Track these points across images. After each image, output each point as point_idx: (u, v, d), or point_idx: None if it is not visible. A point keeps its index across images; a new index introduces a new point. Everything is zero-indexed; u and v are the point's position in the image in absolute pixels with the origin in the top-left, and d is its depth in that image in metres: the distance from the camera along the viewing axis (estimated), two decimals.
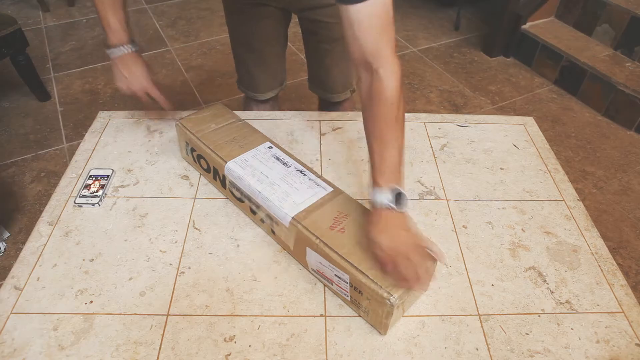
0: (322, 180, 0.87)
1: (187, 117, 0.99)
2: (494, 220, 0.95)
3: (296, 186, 0.85)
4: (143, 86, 0.97)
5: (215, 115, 1.00)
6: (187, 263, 0.84)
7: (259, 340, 0.74)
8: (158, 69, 2.49)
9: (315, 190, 0.84)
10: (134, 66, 0.96)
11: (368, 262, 0.72)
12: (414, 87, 2.43)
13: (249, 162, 0.89)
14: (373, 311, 0.73)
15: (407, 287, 0.69)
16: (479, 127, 1.18)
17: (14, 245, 1.62)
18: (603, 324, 0.78)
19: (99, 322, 0.75)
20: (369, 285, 0.70)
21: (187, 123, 0.98)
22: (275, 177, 0.86)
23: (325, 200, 0.83)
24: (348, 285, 0.74)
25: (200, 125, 0.97)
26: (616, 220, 1.78)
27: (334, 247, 0.74)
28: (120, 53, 0.95)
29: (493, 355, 0.73)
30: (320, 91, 1.23)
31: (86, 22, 2.88)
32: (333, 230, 0.77)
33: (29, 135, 2.06)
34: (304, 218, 0.79)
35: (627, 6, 2.29)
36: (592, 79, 2.30)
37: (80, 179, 0.99)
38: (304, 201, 0.82)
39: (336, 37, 1.10)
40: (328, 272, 0.77)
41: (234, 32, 1.19)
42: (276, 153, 0.92)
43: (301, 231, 0.78)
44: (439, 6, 3.13)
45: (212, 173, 0.95)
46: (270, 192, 0.83)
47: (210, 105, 1.06)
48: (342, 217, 0.79)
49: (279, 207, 0.81)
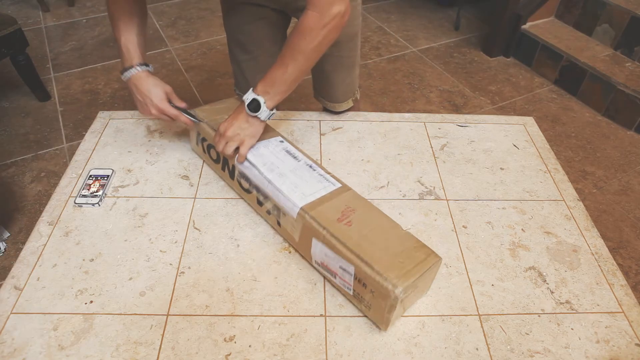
0: (331, 176, 0.88)
1: (201, 108, 1.00)
2: (494, 220, 0.95)
3: (305, 179, 0.86)
4: (158, 108, 0.95)
5: (228, 108, 1.00)
6: (187, 263, 0.84)
7: (259, 340, 0.74)
8: (158, 69, 2.49)
9: (324, 185, 0.85)
10: (146, 87, 0.95)
11: (374, 255, 0.72)
12: (414, 87, 2.43)
13: (260, 151, 0.91)
14: (376, 305, 0.73)
15: (217, 143, 0.90)
16: (479, 127, 1.18)
17: (14, 245, 1.61)
18: (603, 324, 0.78)
19: (99, 322, 0.75)
20: (374, 277, 0.70)
21: (201, 113, 0.99)
22: (285, 168, 0.87)
23: (333, 195, 0.83)
24: (352, 278, 0.74)
25: (213, 116, 0.98)
26: (616, 220, 1.78)
27: (341, 238, 0.75)
28: (129, 75, 0.95)
29: (493, 355, 0.73)
30: (322, 100, 1.24)
31: (86, 22, 2.88)
32: (340, 222, 0.77)
33: (29, 135, 2.05)
34: (312, 209, 0.79)
35: (627, 6, 2.29)
36: (592, 79, 2.30)
37: (80, 179, 0.99)
38: (313, 193, 0.83)
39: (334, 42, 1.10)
40: (332, 264, 0.77)
41: (230, 33, 1.19)
42: (287, 147, 0.93)
43: (309, 222, 0.78)
44: (439, 6, 3.13)
45: (221, 164, 0.96)
46: (279, 181, 0.84)
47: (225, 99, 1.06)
48: (349, 212, 0.80)
49: (288, 197, 0.82)
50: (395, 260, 0.72)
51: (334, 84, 1.19)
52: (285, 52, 0.86)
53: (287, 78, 0.87)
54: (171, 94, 0.98)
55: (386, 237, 0.77)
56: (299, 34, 0.84)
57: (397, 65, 2.59)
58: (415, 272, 0.71)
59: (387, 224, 0.80)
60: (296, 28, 0.84)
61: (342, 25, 0.86)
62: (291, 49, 0.85)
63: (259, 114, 0.88)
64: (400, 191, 1.00)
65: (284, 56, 0.86)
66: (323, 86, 1.22)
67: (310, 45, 0.84)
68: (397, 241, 0.76)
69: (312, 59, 0.87)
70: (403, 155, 1.09)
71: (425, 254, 0.75)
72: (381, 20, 2.98)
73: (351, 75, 1.20)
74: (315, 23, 0.82)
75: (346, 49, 1.13)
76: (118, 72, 2.44)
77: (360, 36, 1.17)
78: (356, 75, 1.23)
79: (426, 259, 0.74)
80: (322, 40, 0.85)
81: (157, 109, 0.95)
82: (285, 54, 0.86)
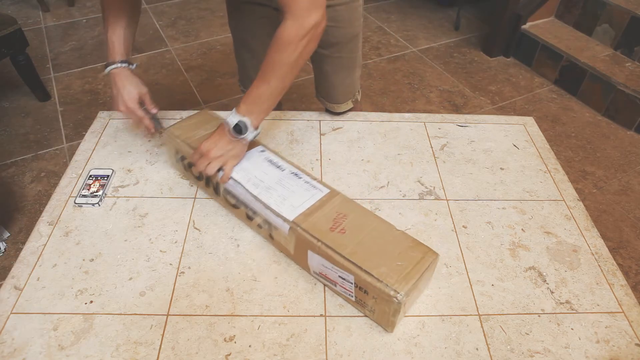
0: (317, 182, 0.86)
1: (175, 125, 0.97)
2: (494, 220, 0.95)
3: (292, 189, 0.84)
4: (126, 106, 0.97)
5: (202, 121, 0.98)
6: (187, 263, 0.84)
7: (259, 340, 0.74)
8: (158, 69, 2.49)
9: (312, 193, 0.84)
10: (121, 84, 0.96)
11: (372, 261, 0.72)
12: (414, 87, 2.43)
13: (243, 166, 0.88)
14: (380, 310, 0.73)
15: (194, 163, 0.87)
16: (479, 127, 1.18)
17: (14, 245, 1.61)
18: (603, 324, 0.78)
19: (99, 322, 0.75)
20: (375, 285, 0.70)
21: (176, 130, 0.95)
22: (270, 181, 0.85)
23: (322, 202, 0.82)
24: (353, 286, 0.74)
25: (189, 132, 0.94)
26: (616, 220, 1.78)
27: (336, 248, 0.74)
28: (109, 69, 0.97)
29: (493, 355, 0.73)
30: (323, 100, 1.24)
31: (86, 22, 2.88)
32: (333, 231, 0.77)
33: (29, 135, 2.06)
34: (303, 221, 0.78)
35: (627, 6, 2.29)
36: (592, 79, 2.30)
37: (80, 179, 0.99)
38: (302, 204, 0.81)
39: (333, 42, 1.10)
40: (331, 274, 0.77)
41: (234, 30, 1.20)
42: (269, 157, 0.91)
43: (301, 234, 0.77)
44: (439, 6, 3.13)
45: (204, 180, 0.94)
46: (267, 196, 0.82)
47: (196, 111, 1.02)
48: (341, 218, 0.79)
49: (277, 211, 0.80)
50: (394, 264, 0.72)
51: (334, 85, 1.19)
52: (265, 67, 0.83)
53: (271, 94, 0.84)
54: (145, 96, 0.99)
55: (381, 240, 0.76)
56: (278, 46, 0.81)
57: (397, 65, 2.59)
58: (414, 274, 0.71)
59: (380, 226, 0.79)
60: (275, 41, 0.81)
61: (320, 35, 0.84)
62: (272, 64, 0.82)
63: (246, 135, 0.85)
64: (400, 191, 1.00)
65: (264, 72, 0.83)
66: (323, 86, 1.22)
67: (291, 57, 0.81)
68: (392, 243, 0.76)
69: (294, 71, 0.85)
70: (403, 155, 1.09)
71: (422, 253, 0.75)
72: (381, 20, 2.98)
73: (351, 77, 1.20)
74: (294, 34, 0.80)
75: (346, 50, 1.13)
76: None
77: (361, 37, 1.16)
78: (357, 76, 1.22)
79: (424, 258, 0.74)
80: (303, 52, 0.82)
81: (125, 106, 0.97)
82: (266, 69, 0.83)
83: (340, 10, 1.06)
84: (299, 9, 0.79)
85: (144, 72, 2.46)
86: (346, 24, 1.09)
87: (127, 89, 0.97)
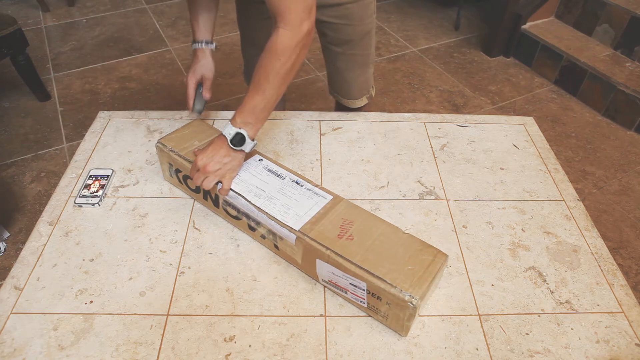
0: (319, 188, 0.85)
1: (167, 137, 0.94)
2: (494, 220, 0.95)
3: (295, 198, 0.83)
4: (186, 81, 1.05)
5: (196, 131, 0.95)
6: (187, 263, 0.84)
7: (259, 340, 0.74)
8: (158, 69, 2.49)
9: (316, 200, 0.83)
10: (197, 62, 1.06)
11: (384, 267, 0.72)
12: (414, 87, 2.43)
13: (242, 177, 0.86)
14: (393, 315, 0.73)
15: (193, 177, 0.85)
16: (479, 127, 1.18)
17: (14, 245, 1.61)
18: (603, 324, 0.78)
19: (99, 322, 0.75)
20: (389, 290, 0.70)
21: (169, 142, 0.92)
22: (272, 190, 0.84)
23: (327, 209, 0.81)
24: (365, 293, 0.74)
25: (183, 144, 0.92)
26: (616, 220, 1.78)
27: (347, 255, 0.73)
28: (194, 47, 1.06)
29: (493, 355, 0.73)
30: (337, 96, 1.24)
31: (86, 22, 2.88)
32: (341, 238, 0.76)
33: (29, 135, 2.05)
34: (310, 230, 0.77)
35: (627, 6, 2.29)
36: (592, 79, 2.30)
37: (80, 179, 0.99)
38: (307, 212, 0.80)
39: (345, 40, 1.10)
40: (342, 282, 0.76)
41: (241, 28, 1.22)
42: (268, 165, 0.90)
43: (309, 244, 0.76)
44: (439, 6, 3.13)
45: (202, 193, 0.91)
46: (270, 207, 0.81)
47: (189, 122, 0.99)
48: (347, 225, 0.78)
49: (283, 221, 0.79)
50: (405, 268, 0.72)
51: (349, 81, 1.20)
52: (259, 77, 0.82)
53: (267, 104, 0.84)
54: (207, 81, 1.06)
55: (390, 244, 0.76)
56: (272, 55, 0.81)
57: (397, 65, 2.59)
58: (427, 277, 0.71)
59: (388, 231, 0.78)
60: (269, 51, 0.81)
61: (311, 41, 0.84)
62: (266, 73, 0.82)
63: (244, 147, 0.84)
64: (400, 191, 1.00)
65: (259, 82, 0.82)
66: (338, 83, 1.22)
67: (286, 66, 0.81)
68: (401, 247, 0.75)
69: (288, 80, 0.84)
70: (403, 155, 1.09)
71: (432, 255, 0.74)
72: (381, 20, 2.98)
73: (365, 74, 1.20)
74: (288, 42, 0.80)
75: (359, 47, 1.13)
76: (118, 72, 2.45)
77: (374, 34, 1.16)
78: (370, 72, 1.23)
79: (434, 260, 0.74)
80: (296, 60, 0.82)
81: (186, 80, 1.06)
82: (260, 79, 0.82)
83: (352, 8, 1.06)
84: (294, 18, 0.79)
85: (144, 72, 2.46)
86: (358, 21, 1.09)
87: (196, 68, 1.05)
